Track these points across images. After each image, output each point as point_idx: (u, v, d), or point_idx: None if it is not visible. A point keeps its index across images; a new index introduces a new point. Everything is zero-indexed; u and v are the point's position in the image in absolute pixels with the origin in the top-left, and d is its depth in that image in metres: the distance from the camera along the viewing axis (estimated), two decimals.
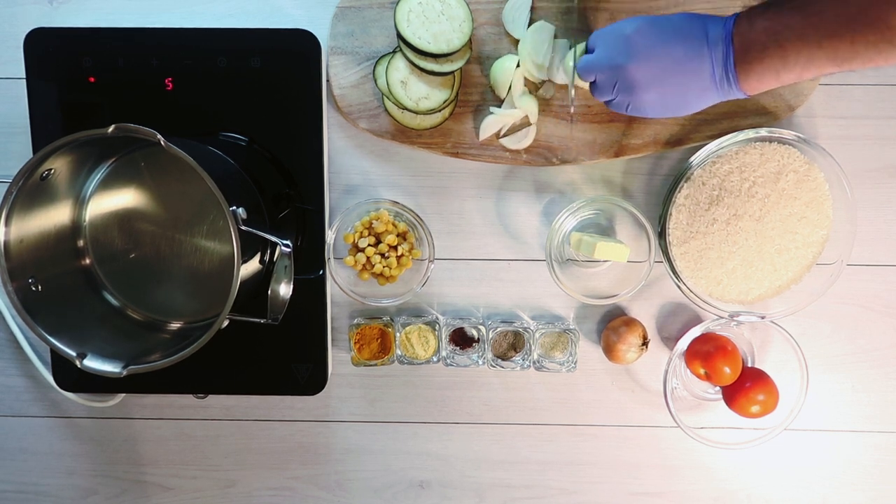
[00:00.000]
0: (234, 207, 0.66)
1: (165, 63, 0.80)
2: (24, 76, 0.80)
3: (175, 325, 0.80)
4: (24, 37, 0.79)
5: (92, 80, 0.80)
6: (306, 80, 0.80)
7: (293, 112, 0.81)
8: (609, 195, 0.84)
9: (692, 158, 0.79)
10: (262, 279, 0.75)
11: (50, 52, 0.79)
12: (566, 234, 0.83)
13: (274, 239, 0.69)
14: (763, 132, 0.78)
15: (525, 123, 0.81)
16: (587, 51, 0.72)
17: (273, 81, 0.80)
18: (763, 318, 0.81)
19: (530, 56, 0.78)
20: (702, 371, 0.83)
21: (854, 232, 0.80)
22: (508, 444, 0.89)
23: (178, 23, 0.82)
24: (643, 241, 0.82)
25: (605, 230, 0.85)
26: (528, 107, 0.79)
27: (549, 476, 0.90)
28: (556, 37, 0.79)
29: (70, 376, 0.85)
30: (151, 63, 0.80)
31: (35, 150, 0.80)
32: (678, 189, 0.79)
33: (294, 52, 0.80)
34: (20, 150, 0.83)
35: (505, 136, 0.82)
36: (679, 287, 0.81)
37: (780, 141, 0.79)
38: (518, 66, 0.79)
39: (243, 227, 0.67)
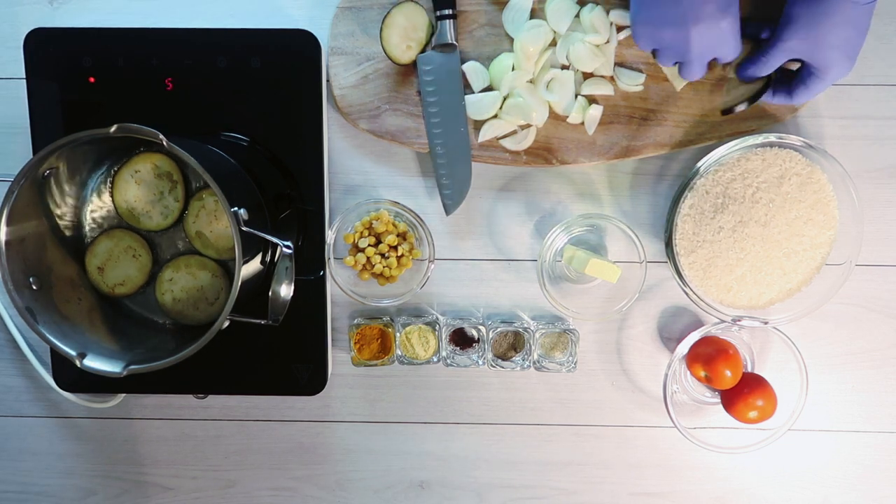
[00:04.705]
0: (236, 208, 0.66)
1: (165, 63, 0.80)
2: (24, 76, 0.80)
3: (176, 325, 0.80)
4: (24, 37, 0.79)
5: (92, 80, 0.80)
6: (306, 80, 0.80)
7: (293, 112, 0.81)
8: (601, 212, 0.84)
9: (694, 168, 0.79)
10: (263, 280, 0.75)
11: (50, 52, 0.79)
12: (558, 251, 0.83)
13: (275, 240, 0.69)
14: (761, 138, 0.78)
15: (525, 124, 0.81)
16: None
17: (273, 81, 0.80)
18: (766, 323, 0.81)
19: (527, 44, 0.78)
20: (702, 374, 0.83)
21: (861, 232, 0.79)
22: (509, 444, 0.89)
23: (178, 23, 0.82)
24: (634, 254, 0.82)
25: (597, 248, 0.85)
26: (527, 108, 0.80)
27: (550, 476, 0.90)
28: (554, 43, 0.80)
29: (70, 376, 0.85)
30: (151, 63, 0.80)
31: (35, 150, 0.80)
32: (682, 199, 0.79)
33: (294, 52, 0.80)
34: (20, 150, 0.83)
35: (505, 137, 0.82)
36: (689, 295, 0.81)
37: (781, 145, 0.79)
38: (514, 68, 0.80)
39: (244, 229, 0.67)
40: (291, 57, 0.80)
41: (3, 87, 0.83)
